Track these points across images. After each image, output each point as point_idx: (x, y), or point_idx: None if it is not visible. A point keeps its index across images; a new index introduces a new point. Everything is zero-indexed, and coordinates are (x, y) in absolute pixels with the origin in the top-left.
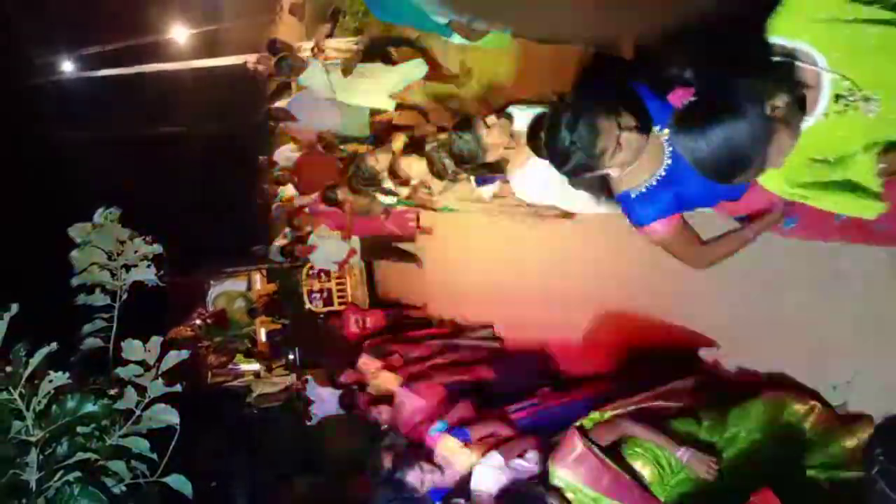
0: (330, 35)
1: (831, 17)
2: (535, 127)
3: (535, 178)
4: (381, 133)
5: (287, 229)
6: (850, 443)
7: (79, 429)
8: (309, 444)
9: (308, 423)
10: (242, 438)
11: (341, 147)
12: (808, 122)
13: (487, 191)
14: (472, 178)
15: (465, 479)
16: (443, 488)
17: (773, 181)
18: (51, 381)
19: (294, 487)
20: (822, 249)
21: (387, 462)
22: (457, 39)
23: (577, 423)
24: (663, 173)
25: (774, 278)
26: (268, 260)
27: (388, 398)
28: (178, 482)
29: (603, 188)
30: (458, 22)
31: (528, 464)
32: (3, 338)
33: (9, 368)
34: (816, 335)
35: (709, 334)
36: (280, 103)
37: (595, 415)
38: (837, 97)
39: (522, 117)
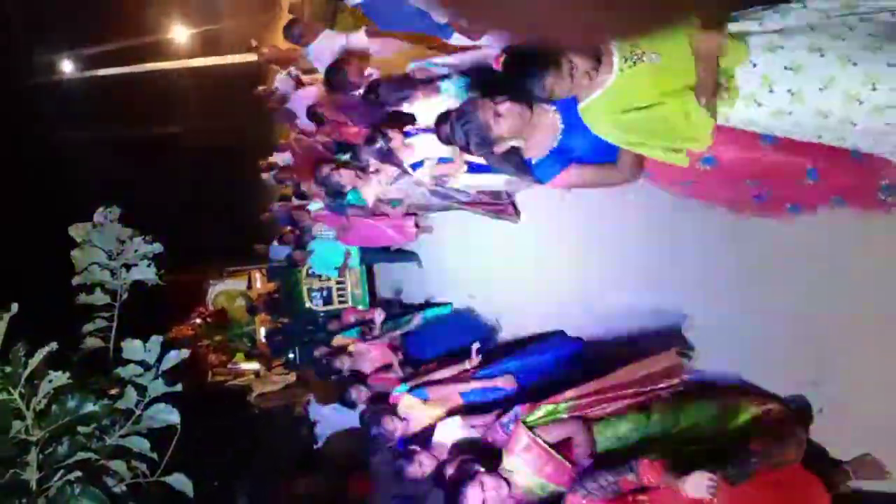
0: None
1: None
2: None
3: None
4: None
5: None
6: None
7: (79, 428)
8: (308, 443)
9: (317, 447)
10: (243, 437)
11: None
12: (611, 78)
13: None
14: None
15: (425, 432)
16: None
17: (604, 127)
18: (51, 381)
19: (294, 486)
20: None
21: (354, 394)
22: (456, 39)
23: (523, 418)
24: (556, 144)
25: (761, 270)
26: (268, 259)
27: (345, 349)
28: (179, 481)
29: (522, 162)
30: (458, 23)
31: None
32: (3, 337)
33: (8, 368)
34: (806, 332)
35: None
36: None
37: (549, 407)
38: (625, 58)
39: None
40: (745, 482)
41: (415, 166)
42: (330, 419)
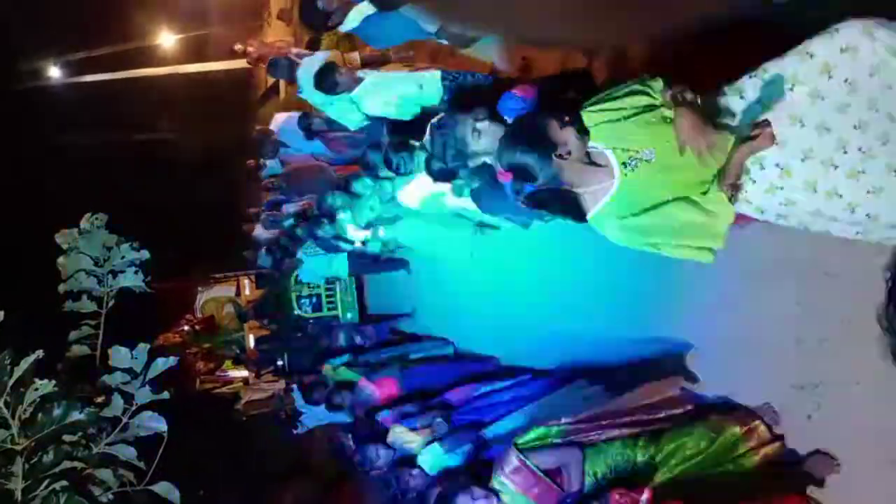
0: (316, 41)
1: (598, 122)
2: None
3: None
4: None
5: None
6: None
7: (65, 437)
8: (296, 450)
9: (296, 431)
10: (231, 445)
11: None
12: (615, 183)
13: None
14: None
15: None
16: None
17: (616, 233)
18: (36, 389)
19: (282, 493)
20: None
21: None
22: (445, 43)
23: (515, 440)
24: None
25: (761, 273)
26: (257, 266)
27: (350, 385)
28: (166, 490)
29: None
30: (448, 30)
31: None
32: None
33: None
34: (795, 336)
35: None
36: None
37: (541, 430)
38: (624, 164)
39: None
40: None
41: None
42: (318, 412)
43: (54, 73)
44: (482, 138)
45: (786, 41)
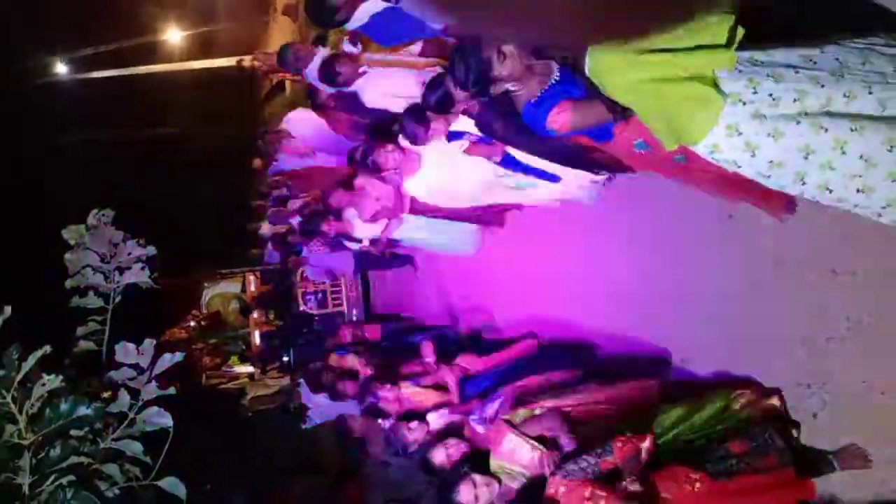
0: (322, 38)
1: None
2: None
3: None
4: None
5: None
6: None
7: (72, 432)
8: (302, 445)
9: (304, 427)
10: (237, 440)
11: None
12: None
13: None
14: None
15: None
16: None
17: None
18: (44, 385)
19: (289, 489)
20: (816, 248)
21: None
22: (452, 41)
23: (506, 417)
24: (553, 82)
25: (766, 268)
26: (263, 262)
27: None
28: (172, 485)
29: (511, 113)
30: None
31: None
32: None
33: (1, 372)
34: (801, 335)
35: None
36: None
37: (525, 412)
38: None
39: None
40: (727, 480)
41: (451, 137)
42: (325, 407)
43: (61, 69)
44: (507, 61)
45: None
